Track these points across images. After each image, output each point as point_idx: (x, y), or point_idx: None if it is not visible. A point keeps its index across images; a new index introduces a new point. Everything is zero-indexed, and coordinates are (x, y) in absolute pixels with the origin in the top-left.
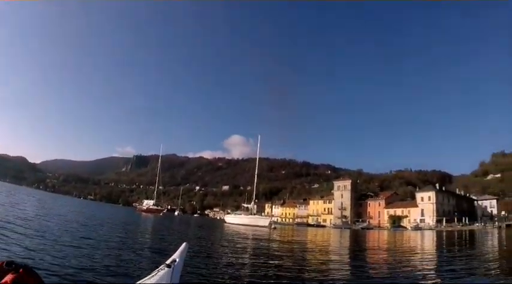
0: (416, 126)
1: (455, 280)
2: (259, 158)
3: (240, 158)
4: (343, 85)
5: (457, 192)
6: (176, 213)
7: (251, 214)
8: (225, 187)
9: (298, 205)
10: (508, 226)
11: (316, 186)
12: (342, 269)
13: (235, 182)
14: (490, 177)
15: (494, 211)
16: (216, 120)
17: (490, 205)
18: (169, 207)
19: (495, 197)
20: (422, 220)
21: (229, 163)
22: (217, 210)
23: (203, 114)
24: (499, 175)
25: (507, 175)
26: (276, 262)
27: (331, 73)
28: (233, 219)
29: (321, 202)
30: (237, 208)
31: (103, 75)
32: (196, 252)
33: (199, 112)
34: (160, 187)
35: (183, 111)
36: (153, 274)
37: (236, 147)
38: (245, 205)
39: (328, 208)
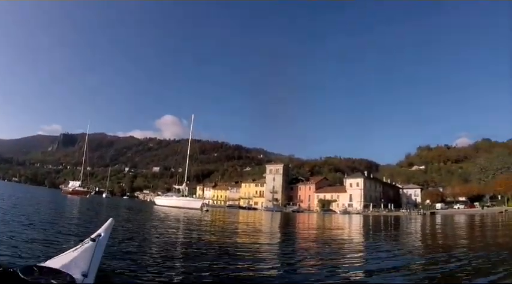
0: (348, 117)
1: (376, 254)
2: (191, 139)
3: (172, 139)
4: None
5: (384, 180)
6: (104, 195)
7: (182, 195)
8: (156, 169)
9: (230, 188)
10: (432, 213)
11: (248, 169)
12: (272, 248)
13: (166, 163)
14: (414, 168)
15: (418, 200)
16: (148, 98)
17: (415, 193)
18: (97, 188)
19: (419, 186)
20: (350, 205)
21: (160, 143)
22: (147, 192)
23: (135, 91)
24: (423, 167)
25: (430, 167)
26: (207, 241)
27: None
28: (163, 201)
29: (252, 185)
30: (167, 190)
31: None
32: (122, 233)
33: (130, 89)
34: (88, 168)
35: (114, 87)
36: (77, 247)
37: (168, 127)
38: (176, 187)
39: (260, 191)
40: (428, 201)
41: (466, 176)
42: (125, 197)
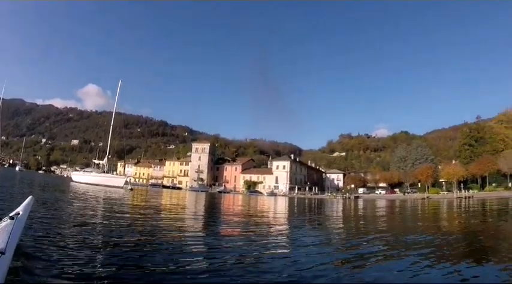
0: (273, 102)
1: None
2: (115, 111)
3: (94, 110)
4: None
5: (309, 164)
6: (17, 168)
7: (103, 172)
8: (75, 142)
9: (153, 166)
10: (356, 197)
11: (172, 147)
12: (197, 228)
13: (87, 136)
14: (336, 154)
15: (341, 184)
16: (71, 64)
17: (337, 178)
18: (11, 161)
19: (342, 171)
20: (276, 187)
21: (81, 114)
22: (65, 166)
23: (57, 54)
24: (343, 153)
25: (351, 154)
26: (129, 221)
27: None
28: (82, 177)
29: (177, 163)
30: (87, 165)
31: None
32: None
33: (53, 50)
34: (2, 138)
35: (34, 47)
36: None
37: (91, 98)
38: (96, 162)
39: (185, 170)
40: (352, 186)
41: (384, 164)
42: (40, 171)
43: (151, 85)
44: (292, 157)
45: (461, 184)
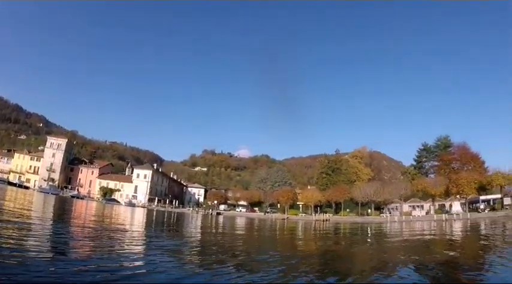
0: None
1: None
2: None
3: None
4: None
5: (171, 175)
6: None
7: None
8: None
9: (0, 157)
10: (218, 213)
11: (24, 137)
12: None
13: None
14: (197, 168)
15: (201, 199)
16: None
17: (199, 193)
18: None
19: (204, 187)
20: (135, 197)
21: None
22: None
23: None
24: (205, 169)
25: (212, 170)
26: None
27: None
28: None
29: (27, 157)
30: None
31: None
32: None
33: None
34: None
35: None
36: None
37: None
38: None
39: (35, 167)
40: (215, 202)
41: (244, 183)
42: None
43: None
44: (155, 167)
45: (318, 208)
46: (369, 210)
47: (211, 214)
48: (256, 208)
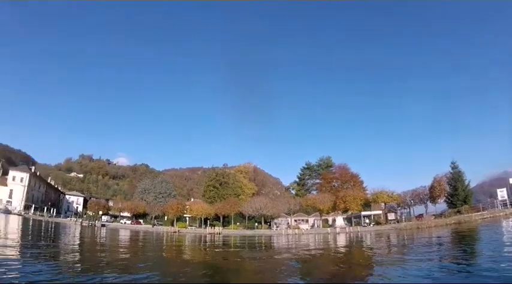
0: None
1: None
2: None
3: None
4: None
5: (49, 180)
6: None
7: None
8: None
9: None
10: (102, 225)
11: None
12: None
13: None
14: (73, 174)
15: (80, 208)
16: None
17: (77, 201)
18: None
19: (83, 195)
20: (9, 203)
21: None
22: None
23: None
24: (82, 175)
25: (89, 177)
26: None
27: None
28: None
29: None
30: None
31: None
32: None
33: None
34: None
35: None
36: None
37: None
38: None
39: None
40: (100, 212)
41: (122, 193)
42: None
43: None
44: (33, 170)
45: (207, 221)
46: (256, 224)
47: (95, 225)
48: (141, 220)
